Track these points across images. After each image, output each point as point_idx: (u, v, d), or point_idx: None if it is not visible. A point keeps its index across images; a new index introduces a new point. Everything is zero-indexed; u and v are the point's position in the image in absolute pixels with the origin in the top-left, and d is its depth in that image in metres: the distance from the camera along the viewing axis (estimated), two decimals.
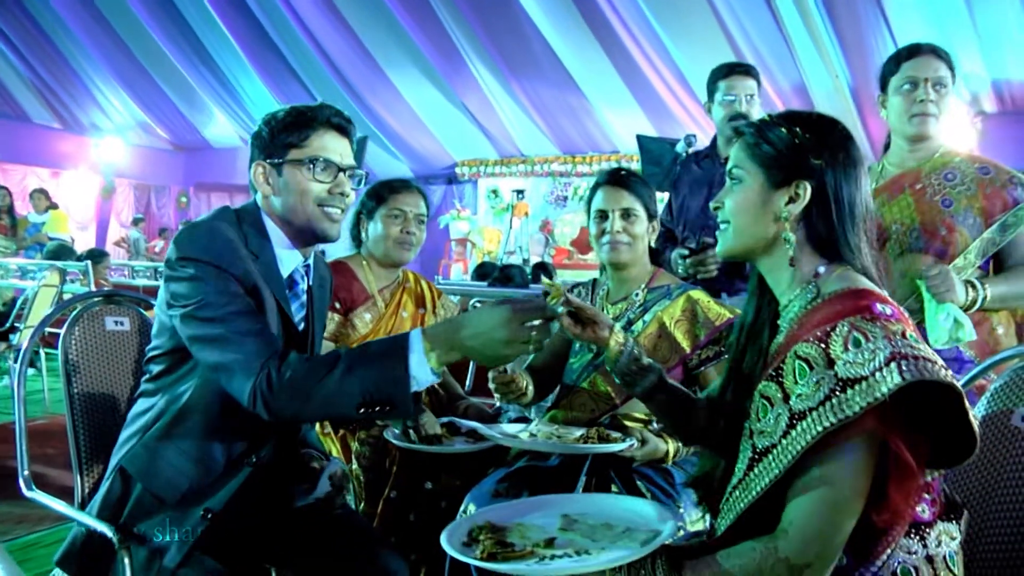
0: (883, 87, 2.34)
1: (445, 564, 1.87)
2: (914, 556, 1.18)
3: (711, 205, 1.40)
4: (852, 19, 8.13)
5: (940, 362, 1.12)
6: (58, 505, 1.69)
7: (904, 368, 1.08)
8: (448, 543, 1.25)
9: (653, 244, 2.23)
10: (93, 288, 6.48)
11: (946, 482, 1.32)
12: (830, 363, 1.13)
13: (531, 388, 2.13)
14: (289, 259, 1.69)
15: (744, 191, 1.33)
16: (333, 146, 1.65)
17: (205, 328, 1.49)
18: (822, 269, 1.29)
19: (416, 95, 11.43)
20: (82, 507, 1.75)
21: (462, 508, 1.91)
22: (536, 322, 1.37)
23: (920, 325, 2.02)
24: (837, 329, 1.16)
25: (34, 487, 1.73)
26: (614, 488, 1.85)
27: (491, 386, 2.04)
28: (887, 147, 2.41)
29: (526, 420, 2.32)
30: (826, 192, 1.28)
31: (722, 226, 1.37)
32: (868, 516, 1.14)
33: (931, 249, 2.21)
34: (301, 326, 1.71)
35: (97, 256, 7.38)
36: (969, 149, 2.43)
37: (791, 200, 1.29)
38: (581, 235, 12.23)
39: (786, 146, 1.30)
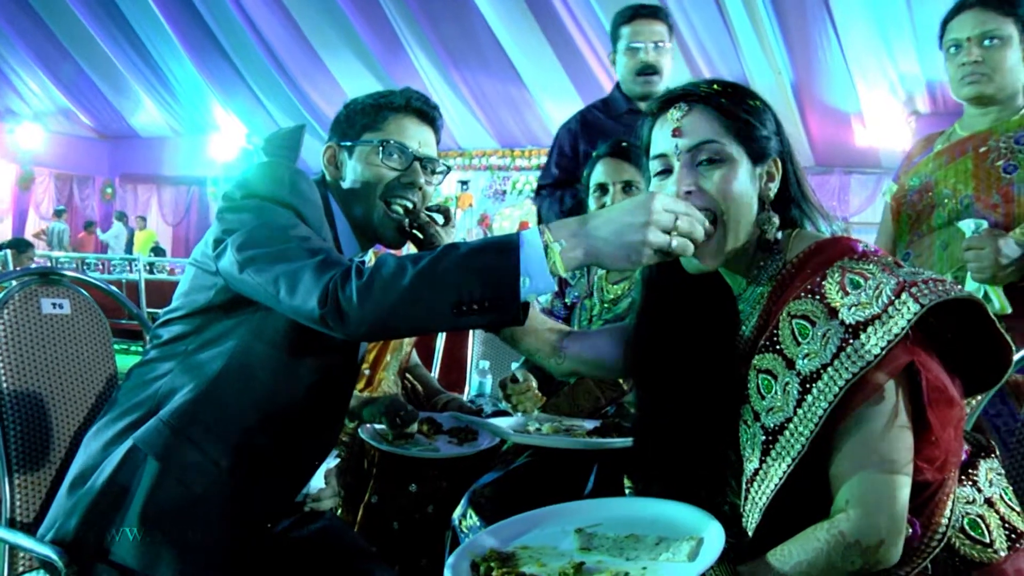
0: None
1: None
2: (974, 505, 1.13)
3: (683, 189, 1.15)
4: (798, 14, 8.20)
5: (949, 280, 1.05)
6: None
7: (917, 294, 1.01)
8: None
9: None
10: None
11: None
12: (832, 313, 1.05)
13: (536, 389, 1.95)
14: (347, 247, 1.52)
15: (733, 171, 1.15)
16: (411, 132, 1.52)
17: (265, 246, 1.25)
18: (780, 235, 1.20)
19: (353, 83, 11.08)
20: (11, 524, 1.49)
21: (458, 513, 1.73)
22: (681, 209, 1.09)
23: None
24: (828, 277, 1.08)
25: None
26: (627, 483, 1.67)
27: (511, 401, 1.86)
28: None
29: (505, 413, 2.12)
30: (788, 169, 1.21)
31: (706, 225, 1.13)
32: (919, 471, 1.06)
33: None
34: None
35: (23, 245, 6.90)
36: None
37: (770, 178, 1.20)
38: (520, 229, 12.04)
39: (761, 119, 1.18)
